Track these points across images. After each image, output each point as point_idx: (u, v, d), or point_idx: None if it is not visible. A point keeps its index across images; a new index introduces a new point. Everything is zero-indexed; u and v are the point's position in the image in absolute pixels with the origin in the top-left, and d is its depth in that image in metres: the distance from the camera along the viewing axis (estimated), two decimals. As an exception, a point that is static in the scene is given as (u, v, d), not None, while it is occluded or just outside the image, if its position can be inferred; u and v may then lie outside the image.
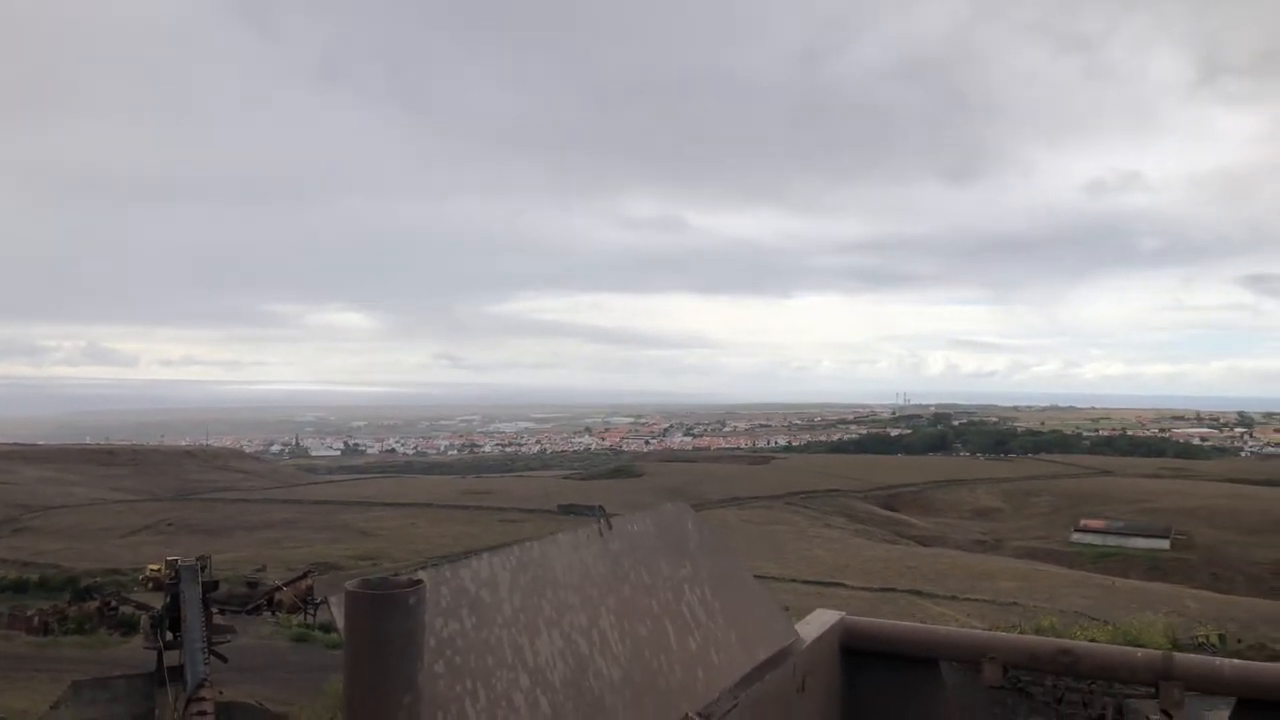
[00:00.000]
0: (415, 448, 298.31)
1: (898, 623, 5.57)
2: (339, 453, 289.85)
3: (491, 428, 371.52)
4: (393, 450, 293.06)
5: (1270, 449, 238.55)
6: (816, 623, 5.05)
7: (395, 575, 2.30)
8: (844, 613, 5.35)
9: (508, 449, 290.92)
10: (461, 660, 2.63)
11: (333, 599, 2.53)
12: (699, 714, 3.44)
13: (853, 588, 64.87)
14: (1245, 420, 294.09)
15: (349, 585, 2.14)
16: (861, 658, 5.22)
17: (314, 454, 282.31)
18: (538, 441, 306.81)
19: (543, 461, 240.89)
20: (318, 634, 18.45)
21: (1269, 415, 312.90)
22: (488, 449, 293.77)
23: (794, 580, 64.13)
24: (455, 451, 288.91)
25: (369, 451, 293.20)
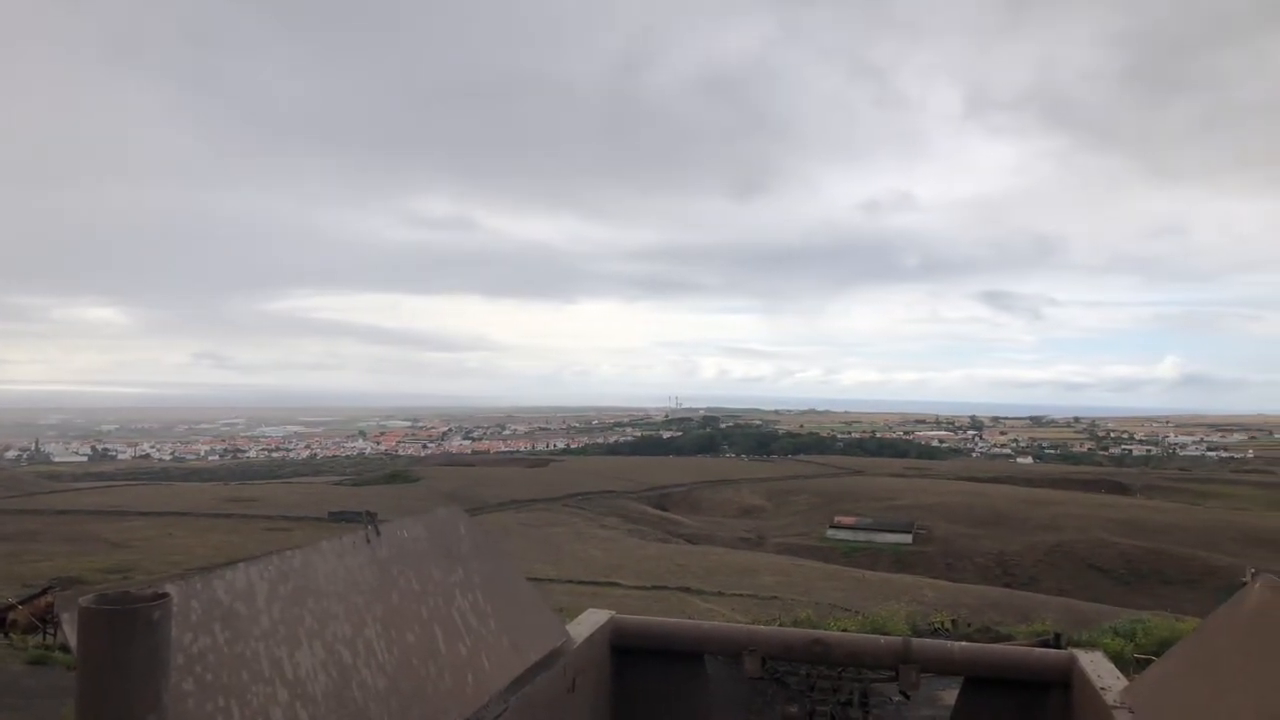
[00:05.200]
0: (172, 453, 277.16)
1: (665, 620, 5.76)
2: (86, 458, 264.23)
3: (257, 431, 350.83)
4: (147, 455, 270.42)
5: (996, 450, 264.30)
6: (587, 623, 5.14)
7: (143, 589, 2.13)
8: (614, 612, 5.47)
9: (274, 454, 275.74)
10: (213, 677, 2.49)
11: (65, 616, 2.31)
12: (467, 720, 3.41)
13: (626, 587, 66.03)
14: (976, 424, 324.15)
15: (83, 601, 1.98)
16: (631, 655, 5.35)
17: (56, 460, 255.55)
18: (307, 446, 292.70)
19: (313, 467, 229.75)
20: (58, 655, 16.70)
21: (996, 419, 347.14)
22: (252, 454, 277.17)
23: (570, 581, 64.52)
24: (216, 457, 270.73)
25: (120, 457, 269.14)
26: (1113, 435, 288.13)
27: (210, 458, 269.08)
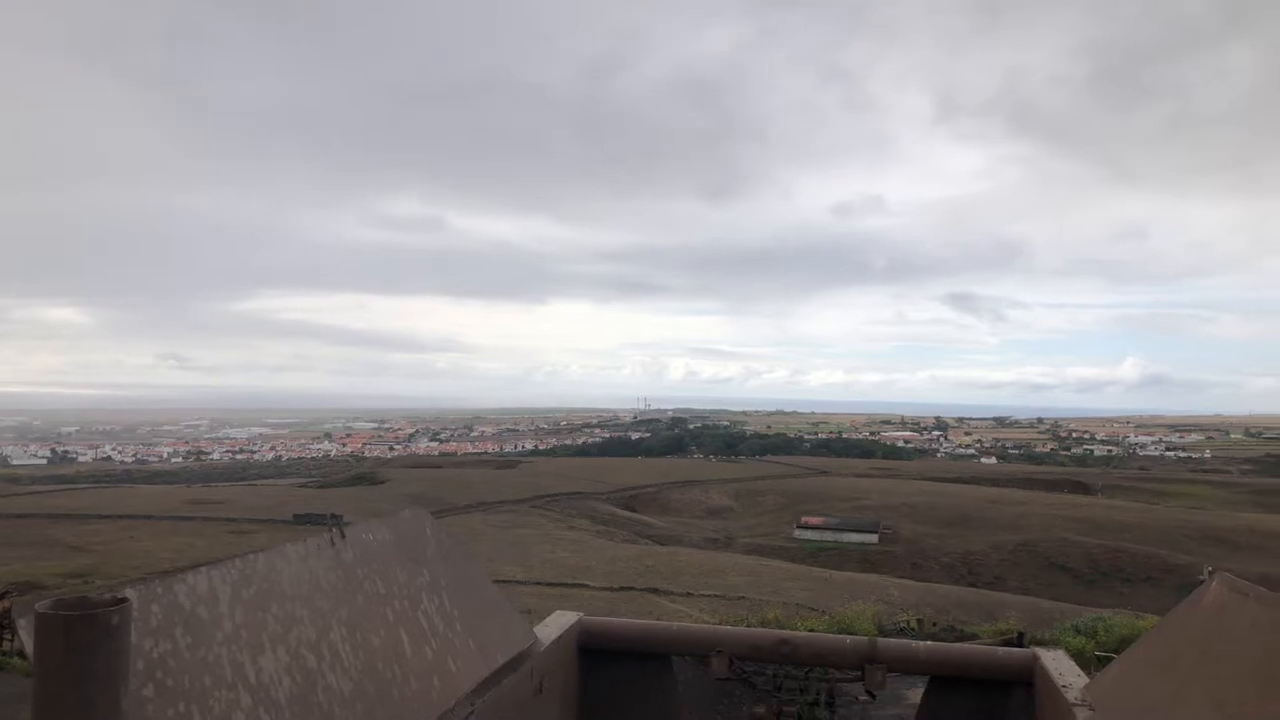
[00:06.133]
0: (135, 455, 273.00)
1: (632, 621, 5.76)
2: (45, 461, 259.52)
3: (221, 433, 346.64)
4: (108, 458, 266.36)
5: (960, 450, 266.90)
6: (555, 624, 5.13)
7: (102, 594, 2.09)
8: (582, 613, 5.46)
9: (239, 456, 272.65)
10: (174, 682, 2.45)
11: (22, 622, 2.27)
12: (433, 723, 3.39)
13: (594, 588, 65.97)
14: (941, 424, 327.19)
15: (40, 606, 1.94)
16: (598, 657, 5.34)
17: (15, 463, 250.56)
18: (273, 448, 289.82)
19: (278, 469, 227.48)
20: (15, 661, 16.40)
21: (961, 419, 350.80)
22: (216, 456, 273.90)
23: (538, 583, 64.35)
24: (180, 459, 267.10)
25: (81, 460, 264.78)
26: (1075, 436, 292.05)
27: (173, 460, 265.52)
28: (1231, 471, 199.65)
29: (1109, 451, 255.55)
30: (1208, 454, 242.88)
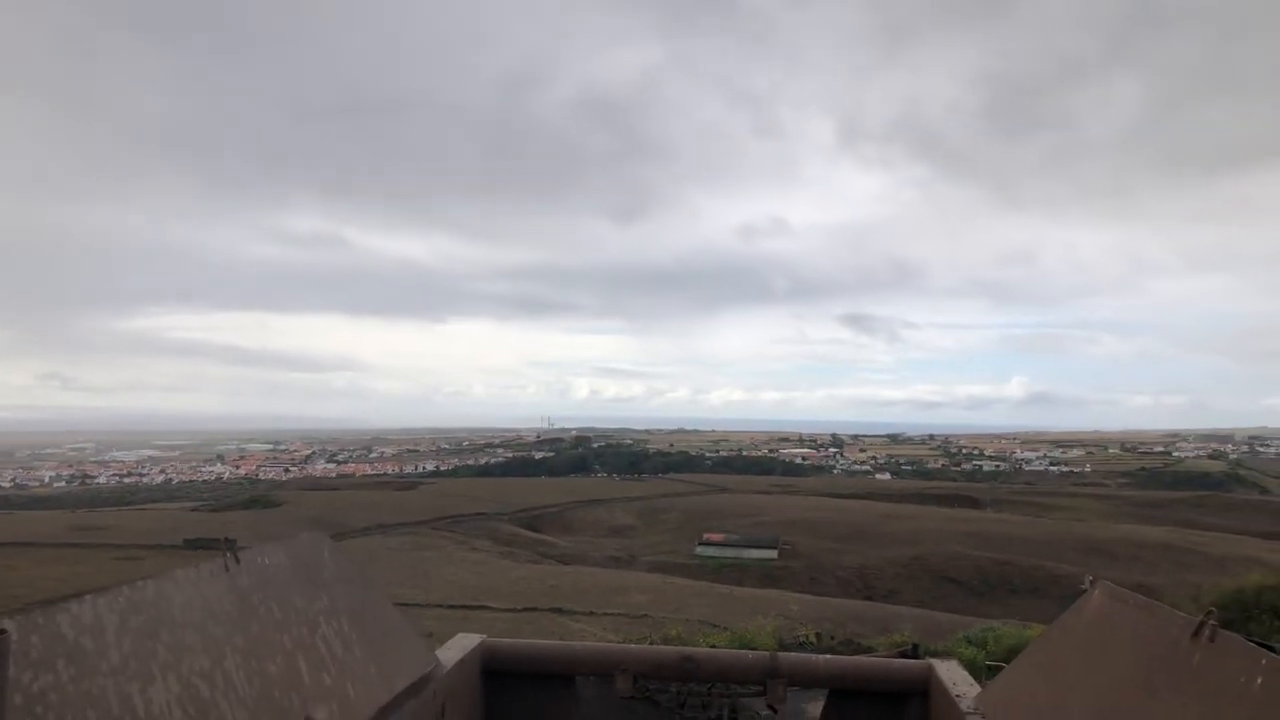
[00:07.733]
0: (14, 479, 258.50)
1: (536, 641, 5.73)
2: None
3: (108, 456, 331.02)
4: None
5: (856, 467, 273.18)
6: (457, 647, 5.06)
7: None
8: (485, 635, 5.41)
9: (126, 479, 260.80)
10: (55, 717, 2.34)
11: None
12: (333, 750, 3.30)
13: (497, 609, 65.04)
14: (837, 441, 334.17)
15: None
16: (502, 679, 5.29)
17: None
18: (162, 471, 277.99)
19: (168, 493, 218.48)
20: None
21: (856, 437, 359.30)
22: (102, 480, 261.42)
23: (440, 605, 63.08)
24: (63, 483, 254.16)
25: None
26: (965, 452, 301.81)
27: (56, 484, 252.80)
28: (1110, 485, 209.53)
29: (997, 467, 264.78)
30: (1088, 468, 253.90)
